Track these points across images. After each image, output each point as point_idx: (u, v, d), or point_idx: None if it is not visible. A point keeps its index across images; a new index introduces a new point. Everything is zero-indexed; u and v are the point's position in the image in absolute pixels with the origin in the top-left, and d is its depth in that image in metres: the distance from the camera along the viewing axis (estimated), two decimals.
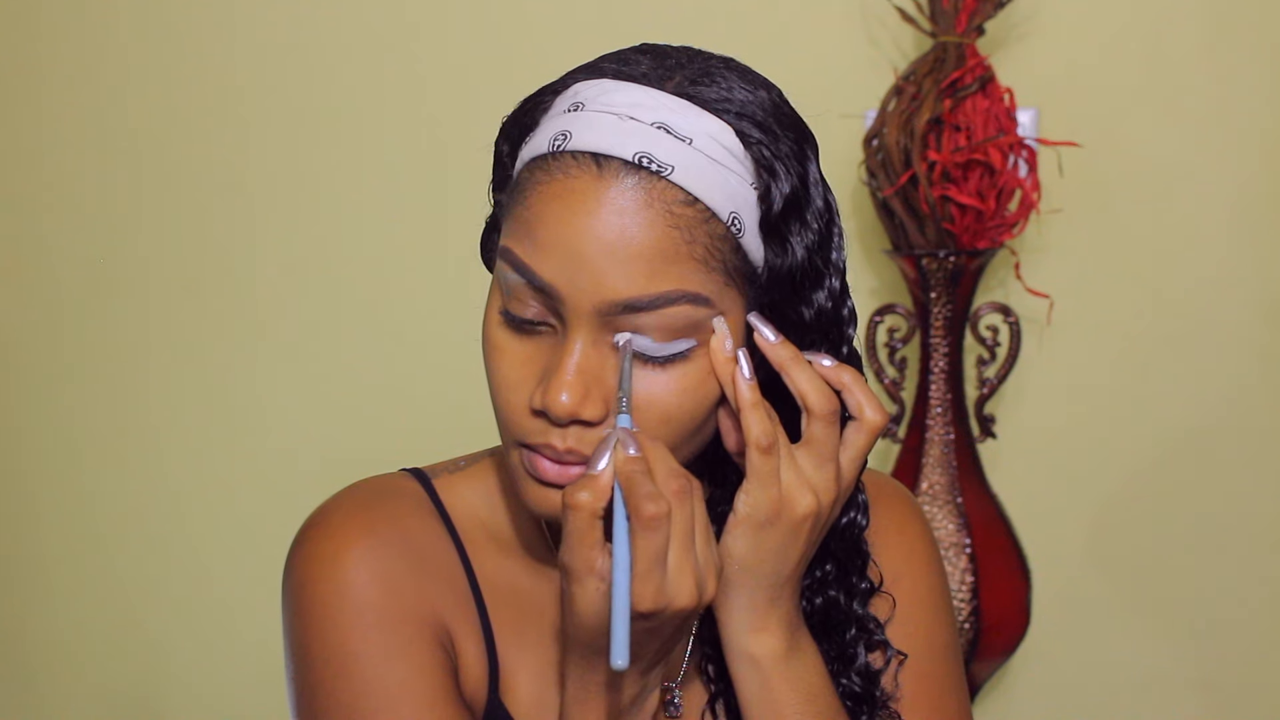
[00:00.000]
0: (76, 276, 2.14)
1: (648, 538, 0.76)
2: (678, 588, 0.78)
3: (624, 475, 0.77)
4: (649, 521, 0.75)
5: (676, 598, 0.78)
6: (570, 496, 0.77)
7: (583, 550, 0.77)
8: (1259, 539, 1.94)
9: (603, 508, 0.77)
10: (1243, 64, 1.87)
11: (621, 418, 0.81)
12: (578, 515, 0.77)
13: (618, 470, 0.77)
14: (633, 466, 0.77)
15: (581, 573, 0.77)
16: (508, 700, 0.93)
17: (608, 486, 0.77)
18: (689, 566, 0.78)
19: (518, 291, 0.85)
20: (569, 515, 0.77)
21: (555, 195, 0.83)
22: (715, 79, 0.85)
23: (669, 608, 0.78)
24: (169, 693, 2.19)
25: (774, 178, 0.84)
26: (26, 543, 2.22)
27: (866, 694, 0.95)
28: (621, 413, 0.81)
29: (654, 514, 0.75)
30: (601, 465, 0.78)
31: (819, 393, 0.86)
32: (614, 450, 0.78)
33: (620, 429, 0.79)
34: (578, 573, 0.78)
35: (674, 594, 0.78)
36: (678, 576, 0.78)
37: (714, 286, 0.83)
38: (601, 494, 0.77)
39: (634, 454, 0.78)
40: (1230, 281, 1.90)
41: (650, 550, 0.76)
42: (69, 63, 2.10)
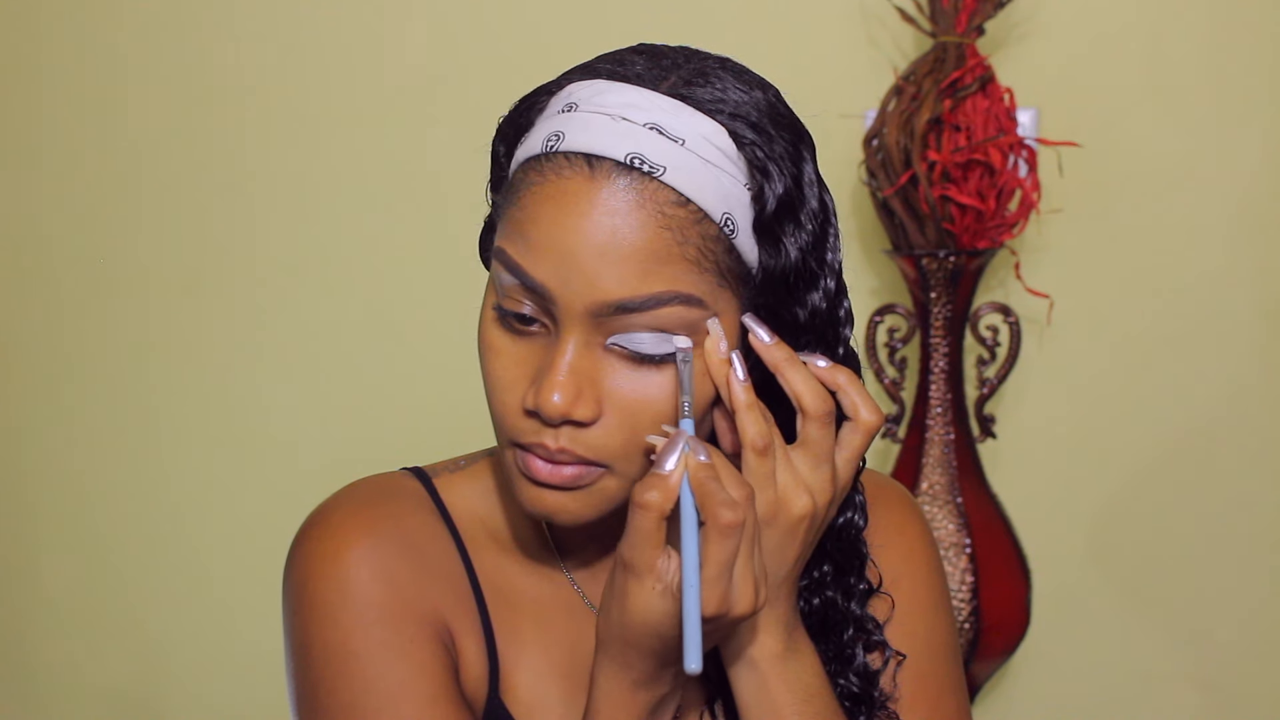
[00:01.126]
0: (76, 276, 2.14)
1: (722, 544, 0.77)
2: (740, 594, 0.79)
3: (698, 481, 0.78)
4: (726, 529, 0.77)
5: (737, 604, 0.79)
6: (639, 496, 0.78)
7: (647, 549, 0.78)
8: (1259, 539, 1.94)
9: (670, 508, 0.78)
10: (1243, 64, 1.87)
11: (685, 422, 0.81)
12: (646, 515, 0.78)
13: (691, 475, 0.78)
14: (706, 473, 0.78)
15: (642, 571, 0.78)
16: (507, 699, 0.93)
17: (676, 488, 0.78)
18: (750, 575, 0.79)
19: (511, 292, 0.85)
20: (636, 513, 0.78)
21: (548, 196, 0.83)
22: (710, 79, 0.85)
23: (729, 614, 0.79)
24: (169, 693, 2.19)
25: (767, 178, 0.84)
26: (26, 543, 2.22)
27: (865, 694, 0.95)
28: (685, 417, 0.82)
29: (732, 522, 0.77)
30: (670, 466, 0.78)
31: (814, 394, 0.86)
32: (682, 454, 0.79)
33: (688, 434, 0.80)
34: (638, 570, 0.78)
35: (736, 600, 0.79)
36: (741, 583, 0.79)
37: (707, 287, 0.83)
38: (670, 495, 0.78)
39: (704, 460, 0.78)
40: (1230, 281, 1.90)
41: (723, 556, 0.77)
42: (69, 63, 2.10)
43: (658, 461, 0.79)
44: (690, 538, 0.77)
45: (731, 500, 0.77)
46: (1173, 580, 1.96)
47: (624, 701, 0.83)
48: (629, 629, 0.80)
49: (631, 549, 0.78)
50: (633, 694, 0.83)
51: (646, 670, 0.82)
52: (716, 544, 0.77)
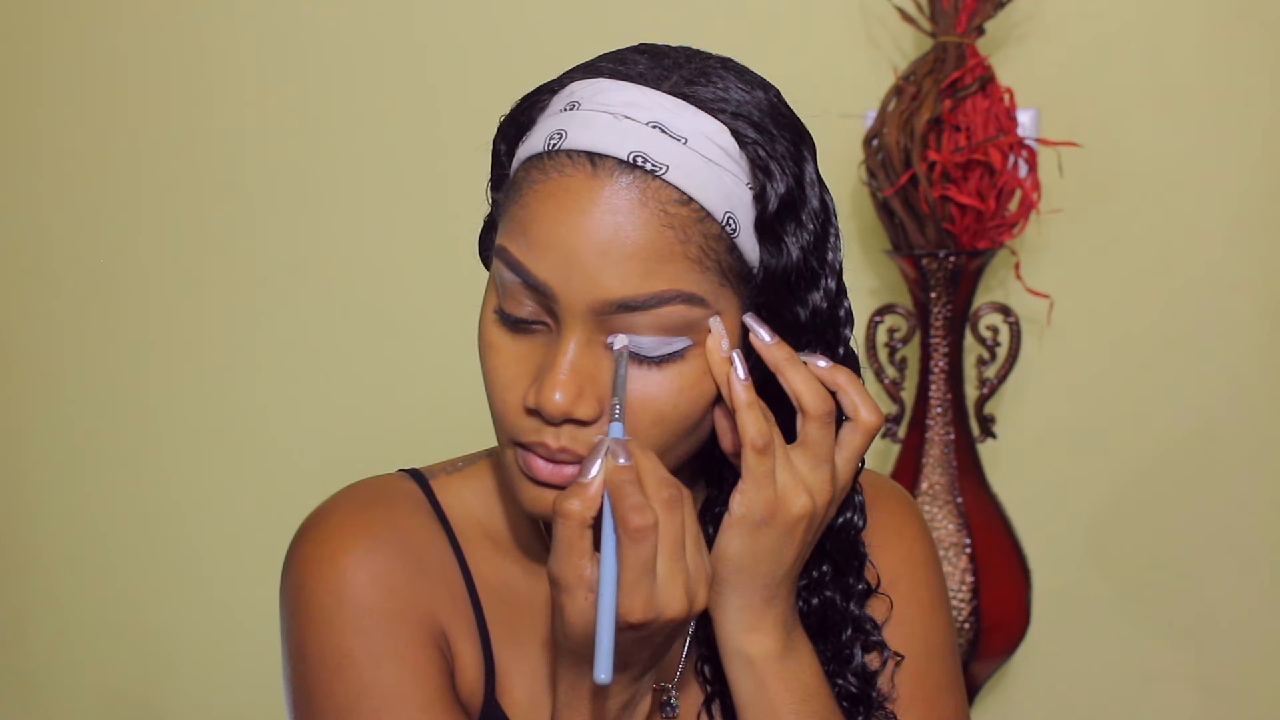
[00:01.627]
0: (76, 277, 2.14)
1: (634, 549, 0.76)
2: (668, 597, 0.78)
3: (612, 485, 0.77)
4: (635, 533, 0.76)
5: (666, 608, 0.78)
6: (560, 505, 0.77)
7: (571, 560, 0.77)
8: (1259, 538, 1.94)
9: (592, 517, 0.77)
10: (1243, 64, 1.87)
11: (614, 426, 0.80)
12: (567, 524, 0.77)
13: (608, 480, 0.77)
14: (622, 476, 0.77)
15: (571, 583, 0.77)
16: (504, 701, 0.93)
17: (597, 496, 0.77)
18: (679, 576, 0.78)
19: (513, 290, 0.85)
20: (558, 524, 0.77)
21: (550, 194, 0.83)
22: (712, 79, 0.85)
23: (659, 618, 0.78)
24: (169, 693, 2.19)
25: (769, 178, 0.84)
26: (26, 543, 2.22)
27: (863, 694, 0.96)
28: (614, 420, 0.80)
29: (640, 525, 0.75)
30: (592, 474, 0.77)
31: (814, 394, 0.86)
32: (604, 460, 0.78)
33: (611, 438, 0.79)
34: (567, 583, 0.77)
35: (664, 604, 0.78)
36: (667, 586, 0.78)
37: (709, 286, 0.83)
38: (591, 503, 0.77)
39: (624, 463, 0.77)
40: (1230, 281, 1.90)
41: (637, 561, 0.76)
42: (69, 63, 2.10)
43: (581, 469, 0.78)
44: (608, 544, 0.76)
45: (641, 504, 0.76)
46: (1173, 580, 1.96)
47: (584, 709, 0.83)
48: (570, 640, 0.79)
49: (557, 561, 0.77)
50: (591, 701, 0.83)
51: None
52: (629, 548, 0.76)
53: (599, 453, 0.78)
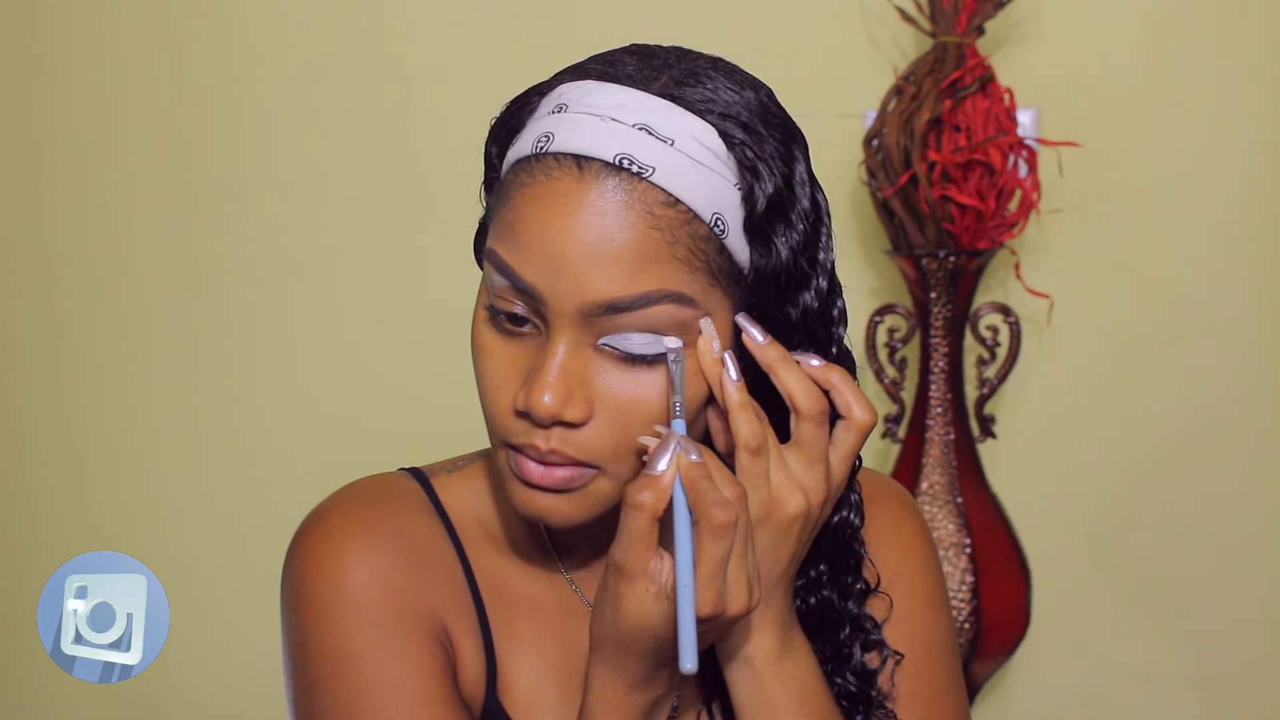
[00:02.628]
0: (76, 277, 2.14)
1: (716, 544, 0.77)
2: (735, 594, 0.79)
3: (690, 480, 0.78)
4: (720, 529, 0.77)
5: (732, 603, 0.79)
6: (632, 497, 0.78)
7: (640, 551, 0.78)
8: (1259, 539, 1.94)
9: (663, 509, 0.78)
10: (1243, 64, 1.87)
11: (676, 423, 0.81)
12: (639, 515, 0.78)
13: (683, 475, 0.78)
14: (698, 472, 0.78)
15: (635, 573, 0.78)
16: (505, 699, 0.93)
17: (669, 488, 0.78)
18: (743, 574, 0.79)
19: (503, 293, 0.85)
20: (629, 514, 0.78)
21: (537, 197, 0.83)
22: (701, 80, 0.85)
23: (725, 613, 0.79)
24: (169, 693, 2.19)
25: (757, 178, 0.84)
26: (26, 543, 2.22)
27: (862, 693, 0.95)
28: (676, 417, 0.82)
29: (725, 521, 0.77)
30: (662, 467, 0.78)
31: (807, 393, 0.86)
32: (674, 454, 0.79)
33: (679, 434, 0.80)
34: (630, 573, 0.78)
35: (731, 600, 0.79)
36: (735, 583, 0.79)
37: (697, 287, 0.83)
38: (663, 496, 0.78)
39: (696, 459, 0.78)
40: (1230, 281, 1.90)
41: (717, 556, 0.77)
42: (69, 63, 2.10)
43: (650, 462, 0.79)
44: (684, 538, 0.76)
45: (724, 500, 0.77)
46: (1173, 580, 1.96)
47: (619, 703, 0.83)
48: (623, 631, 0.80)
49: (624, 551, 0.78)
50: (628, 695, 0.83)
51: (642, 672, 0.82)
52: (710, 544, 0.77)
53: (669, 447, 0.79)
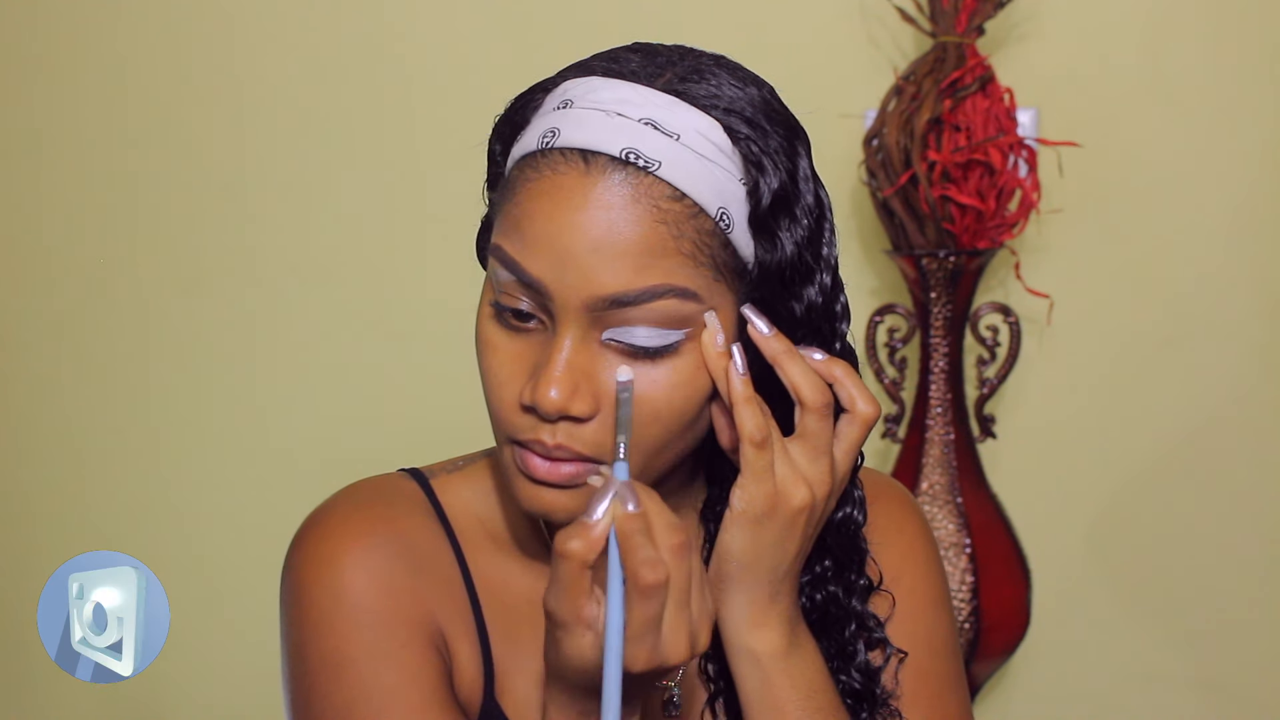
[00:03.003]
0: (76, 277, 2.14)
1: (644, 604, 0.75)
2: (672, 647, 0.77)
3: (623, 534, 0.75)
4: (646, 589, 0.74)
5: (670, 656, 0.77)
6: (561, 545, 0.75)
7: (571, 598, 0.76)
8: (1259, 538, 1.94)
9: (594, 559, 0.75)
10: (1243, 64, 1.87)
11: (619, 466, 0.78)
12: (568, 564, 0.75)
13: (617, 527, 0.75)
14: (632, 525, 0.75)
15: (569, 621, 0.76)
16: (503, 701, 0.93)
17: (601, 539, 0.75)
18: (683, 625, 0.77)
19: (508, 288, 0.85)
20: (559, 563, 0.75)
21: (543, 192, 0.83)
22: (705, 76, 0.85)
23: (662, 665, 0.77)
24: (169, 693, 2.19)
25: (762, 173, 0.84)
26: (26, 543, 2.22)
27: (866, 691, 0.95)
28: (619, 459, 0.79)
29: (652, 582, 0.74)
30: (597, 515, 0.75)
31: (812, 386, 0.86)
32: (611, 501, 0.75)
33: (619, 480, 0.77)
34: (565, 621, 0.76)
35: (668, 653, 0.77)
36: (672, 636, 0.77)
37: (702, 281, 0.83)
38: (594, 546, 0.75)
39: (633, 510, 0.75)
40: (1230, 281, 1.90)
41: (645, 615, 0.75)
42: (69, 63, 2.10)
43: (586, 509, 0.76)
44: (615, 595, 0.74)
45: (653, 559, 0.74)
46: (1173, 580, 1.96)
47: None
48: (567, 671, 0.78)
49: (555, 599, 0.76)
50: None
51: (590, 704, 0.80)
52: (639, 604, 0.75)
53: (606, 494, 0.76)
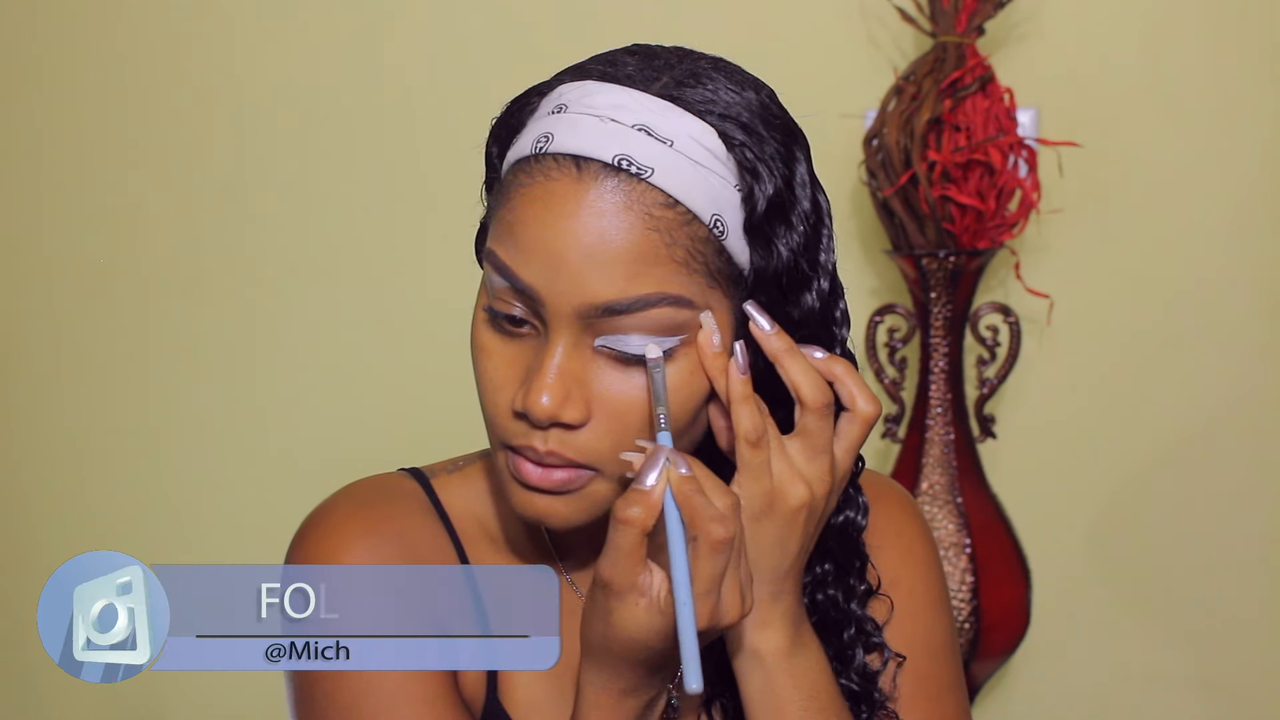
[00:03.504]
0: (76, 277, 2.14)
1: (714, 560, 0.77)
2: (728, 604, 0.79)
3: (683, 495, 0.77)
4: (718, 545, 0.76)
5: (725, 615, 0.79)
6: (621, 512, 0.77)
7: (629, 566, 0.77)
8: (1259, 539, 1.94)
9: (653, 524, 0.77)
10: (1243, 64, 1.87)
11: (662, 435, 0.81)
12: (628, 531, 0.77)
13: (675, 489, 0.77)
14: (690, 486, 0.77)
15: (624, 589, 0.78)
16: (506, 700, 0.93)
17: (659, 504, 0.77)
18: (737, 584, 0.79)
19: (502, 294, 0.85)
20: (618, 530, 0.77)
21: (536, 197, 0.83)
22: (702, 80, 0.85)
23: (718, 625, 0.79)
24: (169, 693, 2.19)
25: (757, 180, 0.84)
26: (26, 542, 2.22)
27: (865, 693, 0.95)
28: (661, 430, 0.81)
29: (723, 537, 0.76)
30: (651, 481, 0.77)
31: (812, 384, 0.86)
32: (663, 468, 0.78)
33: (667, 447, 0.79)
34: (619, 588, 0.78)
35: (723, 613, 0.79)
36: (729, 594, 0.79)
37: (696, 288, 0.83)
38: (653, 511, 0.77)
39: (686, 472, 0.77)
40: (1230, 281, 1.90)
41: (714, 572, 0.77)
42: (69, 63, 2.10)
43: (638, 476, 0.78)
44: (680, 554, 0.76)
45: (720, 514, 0.77)
46: (1173, 580, 1.96)
47: (612, 708, 0.83)
48: (615, 643, 0.80)
49: (612, 566, 0.77)
50: (620, 701, 0.83)
51: (635, 679, 0.82)
52: (708, 560, 0.76)
53: (658, 461, 0.78)
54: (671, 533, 0.76)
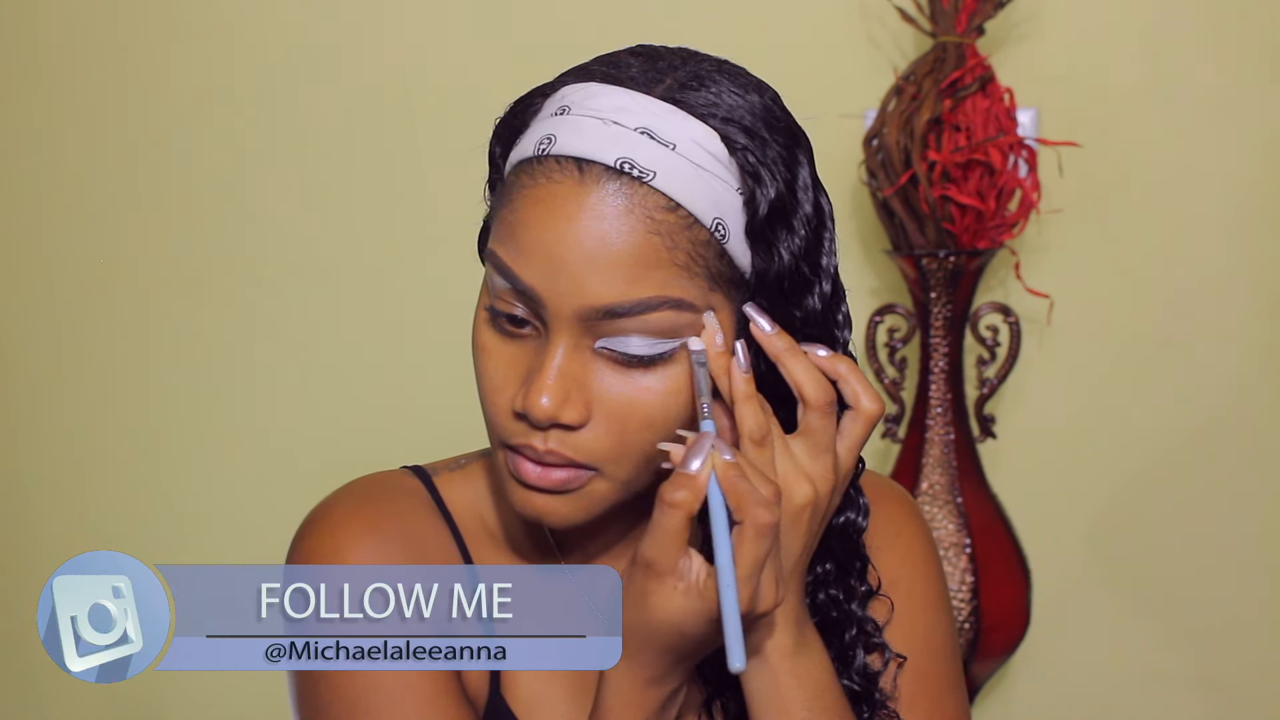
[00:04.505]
0: (76, 277, 2.14)
1: (759, 544, 0.77)
2: (765, 592, 0.79)
3: (729, 480, 0.78)
4: (764, 529, 0.77)
5: (762, 602, 0.79)
6: (668, 495, 0.77)
7: (672, 549, 0.78)
8: (1259, 539, 1.94)
9: (698, 508, 0.78)
10: (1243, 64, 1.87)
11: (706, 423, 0.82)
12: (675, 514, 0.77)
13: (720, 475, 0.78)
14: (735, 472, 0.78)
15: (665, 571, 0.78)
16: (509, 696, 0.93)
17: (704, 488, 0.78)
18: (775, 572, 0.80)
19: (503, 294, 0.85)
20: (665, 513, 0.78)
21: (538, 199, 0.83)
22: (705, 83, 0.85)
23: (754, 612, 0.79)
24: (169, 693, 2.19)
25: (759, 183, 0.84)
26: (26, 543, 2.22)
27: (866, 693, 0.96)
28: (705, 418, 0.82)
29: (769, 522, 0.77)
30: (696, 466, 0.78)
31: (815, 383, 0.86)
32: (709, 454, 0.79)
33: (712, 434, 0.80)
34: (661, 570, 0.78)
35: (760, 598, 0.79)
36: (766, 581, 0.79)
37: (697, 291, 0.84)
38: (699, 494, 0.78)
39: (730, 459, 0.78)
40: (1230, 281, 1.90)
41: (758, 555, 0.77)
42: (69, 63, 2.10)
43: (684, 461, 0.79)
44: (724, 538, 0.77)
45: (766, 500, 0.77)
46: (1173, 580, 1.96)
47: (636, 697, 0.83)
48: (650, 626, 0.80)
49: (657, 548, 0.78)
50: (645, 690, 0.83)
51: (662, 667, 0.82)
52: (753, 543, 0.77)
53: (704, 446, 0.79)
54: (715, 516, 0.77)
